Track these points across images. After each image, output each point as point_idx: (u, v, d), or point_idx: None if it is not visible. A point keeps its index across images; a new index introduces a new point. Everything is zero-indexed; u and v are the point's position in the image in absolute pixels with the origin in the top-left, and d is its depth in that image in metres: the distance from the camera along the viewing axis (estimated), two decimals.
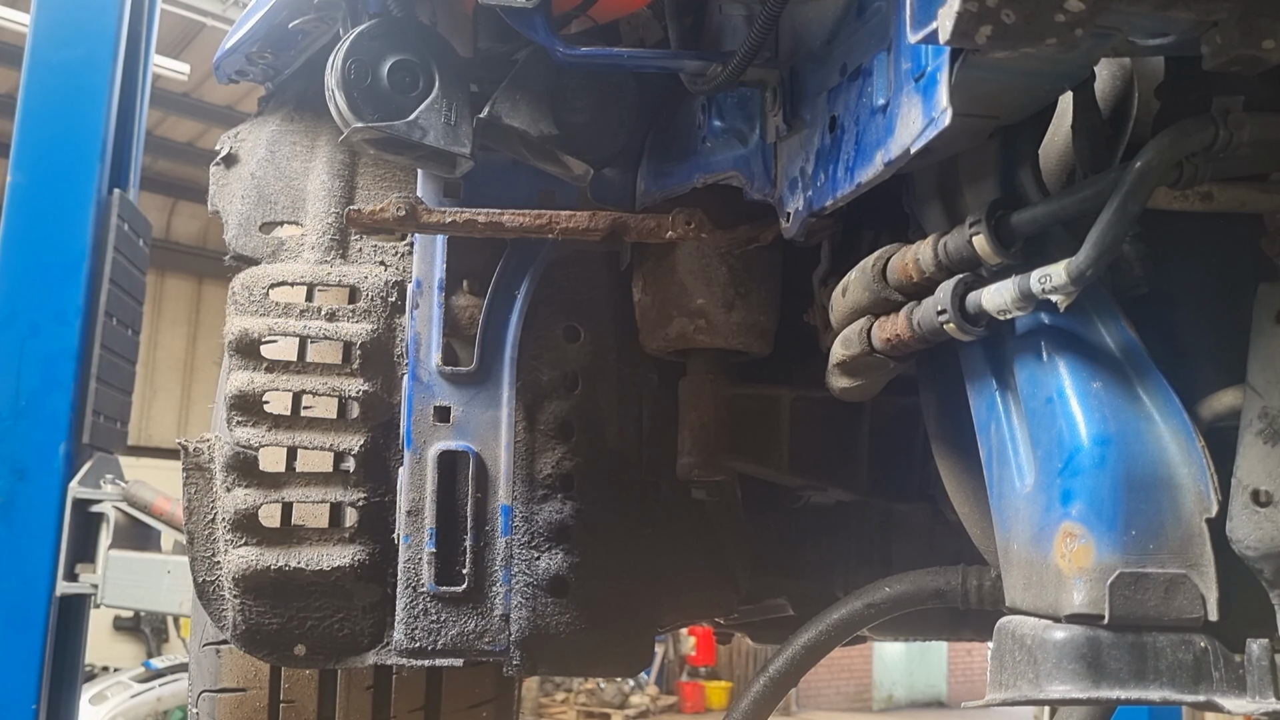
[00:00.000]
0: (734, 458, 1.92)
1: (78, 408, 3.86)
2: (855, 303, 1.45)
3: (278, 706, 2.02)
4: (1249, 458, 1.16)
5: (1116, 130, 1.40)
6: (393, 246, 1.96)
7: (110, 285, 3.97)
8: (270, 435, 1.80)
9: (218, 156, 2.00)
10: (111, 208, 4.01)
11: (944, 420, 1.60)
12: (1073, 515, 1.17)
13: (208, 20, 11.12)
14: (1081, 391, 1.22)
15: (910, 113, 1.17)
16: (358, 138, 1.56)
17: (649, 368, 1.99)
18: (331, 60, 1.54)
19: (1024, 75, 1.08)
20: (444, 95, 1.57)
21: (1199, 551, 1.14)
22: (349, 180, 1.96)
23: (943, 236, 1.31)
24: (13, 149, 3.94)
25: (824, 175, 1.41)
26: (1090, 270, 1.12)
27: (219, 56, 1.95)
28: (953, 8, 0.92)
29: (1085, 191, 1.19)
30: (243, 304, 1.86)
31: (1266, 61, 0.98)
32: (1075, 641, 1.13)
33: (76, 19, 4.03)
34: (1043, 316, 1.28)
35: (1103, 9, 0.95)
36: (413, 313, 1.80)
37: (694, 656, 15.53)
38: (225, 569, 1.77)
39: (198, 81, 12.12)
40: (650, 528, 1.98)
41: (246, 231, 1.95)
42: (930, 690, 17.23)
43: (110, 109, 4.06)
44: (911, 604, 1.83)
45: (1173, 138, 1.12)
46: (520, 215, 1.61)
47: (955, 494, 1.57)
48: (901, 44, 1.21)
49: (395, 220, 1.63)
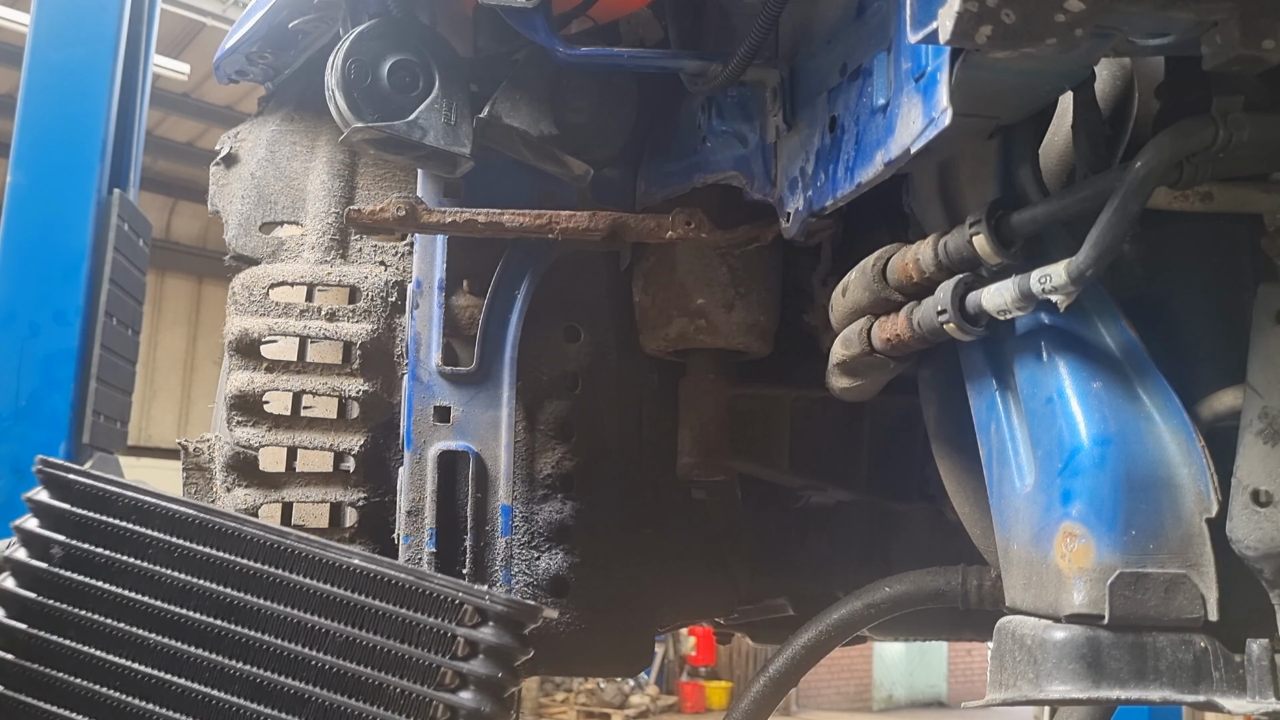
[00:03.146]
0: (734, 458, 1.91)
1: (78, 408, 3.86)
2: (855, 303, 1.45)
3: None
4: (1249, 458, 1.16)
5: (1116, 130, 1.40)
6: (393, 246, 1.96)
7: (110, 285, 3.96)
8: (270, 435, 1.80)
9: (218, 156, 2.00)
10: (111, 208, 4.00)
11: (944, 420, 1.59)
12: (1073, 515, 1.17)
13: (208, 20, 11.12)
14: (1081, 391, 1.22)
15: (910, 113, 1.17)
16: (358, 138, 1.56)
17: (649, 368, 1.99)
18: (331, 60, 1.54)
19: (1024, 75, 1.08)
20: (444, 95, 1.57)
21: (1199, 551, 1.14)
22: (349, 180, 1.96)
23: (943, 236, 1.31)
24: (13, 149, 3.94)
25: (824, 175, 1.41)
26: (1090, 270, 1.12)
27: (219, 56, 1.95)
28: (953, 8, 0.92)
29: (1085, 191, 1.19)
30: (243, 304, 1.86)
31: (1266, 61, 0.98)
32: (1075, 641, 1.13)
33: (76, 19, 4.03)
34: (1043, 316, 1.28)
35: (1103, 9, 0.95)
36: (413, 313, 1.80)
37: (694, 656, 15.53)
38: None
39: (198, 81, 12.12)
40: (650, 528, 1.98)
41: (246, 231, 1.95)
42: (930, 690, 17.24)
43: (110, 109, 4.06)
44: (911, 604, 1.83)
45: (1173, 138, 1.11)
46: (520, 215, 1.61)
47: (955, 494, 1.57)
48: (901, 44, 1.21)
49: (395, 220, 1.63)
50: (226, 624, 1.14)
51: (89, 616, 1.15)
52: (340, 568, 1.16)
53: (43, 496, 1.21)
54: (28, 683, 1.13)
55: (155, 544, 1.17)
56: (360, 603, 1.15)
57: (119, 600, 1.15)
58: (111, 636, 1.14)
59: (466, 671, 1.12)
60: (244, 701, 1.13)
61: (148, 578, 1.16)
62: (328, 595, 1.14)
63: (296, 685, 1.13)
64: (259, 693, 1.13)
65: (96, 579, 1.16)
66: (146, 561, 1.16)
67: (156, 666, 1.13)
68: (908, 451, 1.98)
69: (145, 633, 1.13)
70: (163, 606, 1.15)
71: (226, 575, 1.17)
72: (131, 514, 1.19)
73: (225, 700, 1.13)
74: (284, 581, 1.16)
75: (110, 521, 1.19)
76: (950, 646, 15.85)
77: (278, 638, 1.14)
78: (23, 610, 1.14)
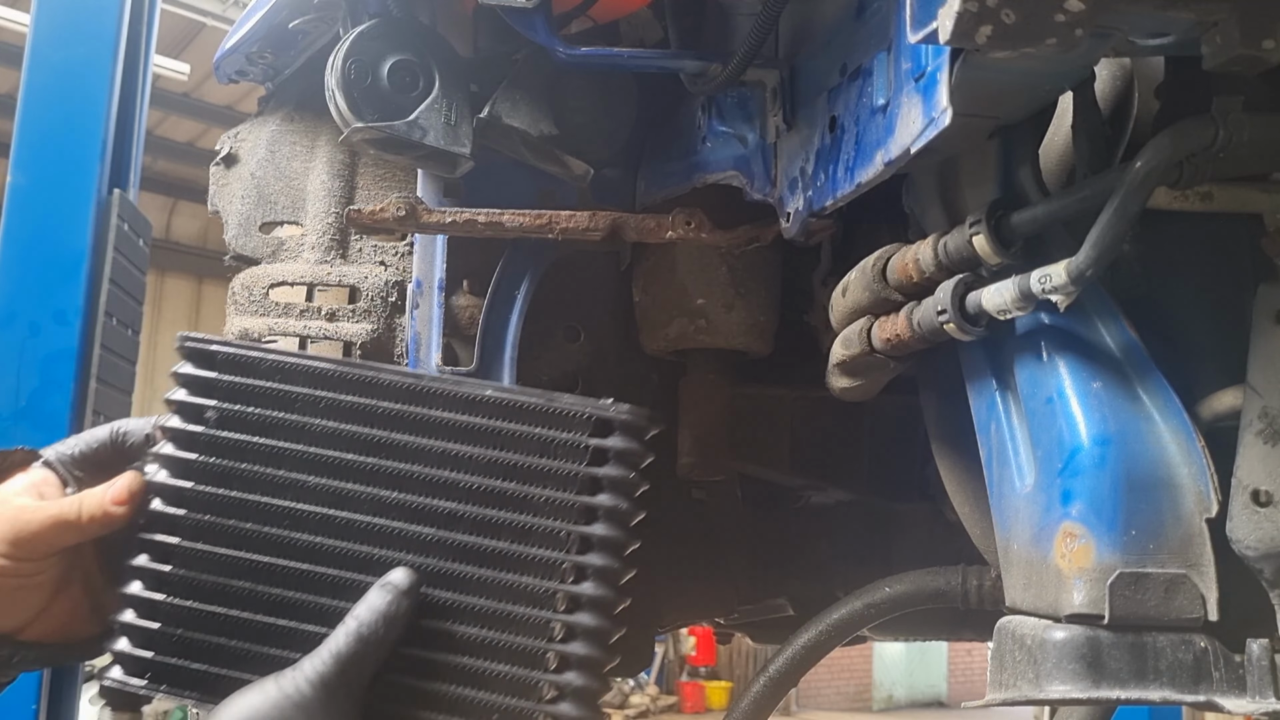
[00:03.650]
0: (734, 458, 1.91)
1: (78, 408, 3.86)
2: (855, 303, 1.45)
3: None
4: (1249, 458, 1.16)
5: (1116, 130, 1.40)
6: (393, 246, 1.96)
7: (110, 285, 3.96)
8: None
9: (218, 156, 2.00)
10: (111, 208, 4.00)
11: (944, 420, 1.59)
12: (1073, 515, 1.17)
13: (208, 20, 11.13)
14: (1081, 391, 1.22)
15: (910, 113, 1.17)
16: (358, 138, 1.56)
17: (649, 368, 1.99)
18: (331, 60, 1.54)
19: (1024, 75, 1.08)
20: (444, 95, 1.57)
21: (1199, 551, 1.14)
22: (349, 180, 1.96)
23: (943, 236, 1.31)
24: (13, 149, 3.94)
25: (824, 175, 1.41)
26: (1090, 270, 1.12)
27: (219, 56, 1.95)
28: (953, 8, 0.92)
29: (1085, 191, 1.18)
30: (243, 304, 1.86)
31: (1266, 61, 0.98)
32: (1075, 641, 1.13)
33: (76, 19, 4.03)
34: (1043, 316, 1.28)
35: (1103, 9, 0.95)
36: (413, 313, 1.80)
37: (694, 656, 15.54)
38: None
39: (198, 81, 12.12)
40: (650, 528, 1.97)
41: (246, 231, 1.95)
42: (930, 690, 17.25)
43: (110, 109, 4.06)
44: (911, 604, 1.83)
45: (1173, 138, 1.11)
46: (520, 215, 1.61)
47: (955, 494, 1.57)
48: (901, 44, 1.21)
49: (395, 220, 1.63)
50: (379, 460, 1.23)
51: (249, 468, 1.24)
52: (475, 399, 1.24)
53: (188, 369, 1.29)
54: (202, 533, 1.23)
55: (301, 398, 1.25)
56: (498, 427, 1.24)
57: (275, 451, 1.24)
58: (273, 483, 1.23)
59: (601, 475, 1.21)
60: (403, 524, 1.22)
61: (298, 428, 1.24)
62: (466, 424, 1.24)
63: (450, 505, 1.23)
64: (416, 515, 1.23)
65: (250, 435, 1.24)
66: (295, 414, 1.25)
67: (318, 505, 1.23)
68: (908, 451, 1.99)
69: (304, 476, 1.23)
70: (318, 451, 1.24)
71: (371, 418, 1.25)
72: (275, 374, 1.26)
73: (386, 525, 1.22)
74: (425, 417, 1.24)
75: (256, 383, 1.26)
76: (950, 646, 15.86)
77: (426, 467, 1.24)
78: (187, 470, 1.23)
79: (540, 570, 1.20)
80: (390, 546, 1.22)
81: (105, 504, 1.23)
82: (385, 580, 1.18)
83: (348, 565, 1.21)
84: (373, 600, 1.16)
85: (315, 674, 1.10)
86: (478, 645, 1.19)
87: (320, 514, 1.22)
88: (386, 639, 1.15)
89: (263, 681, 1.11)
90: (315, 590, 1.21)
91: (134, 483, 1.25)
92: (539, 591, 1.20)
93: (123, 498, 1.24)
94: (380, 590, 1.17)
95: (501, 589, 1.20)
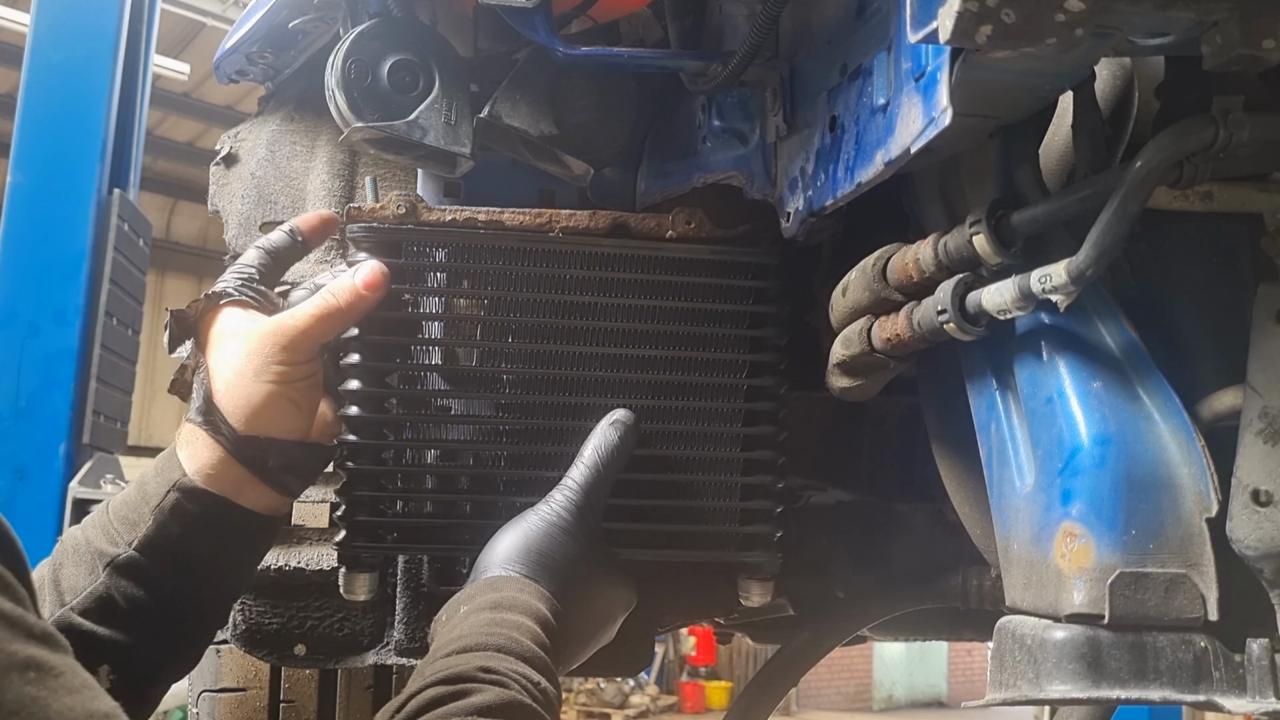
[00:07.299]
0: None
1: (78, 408, 3.86)
2: (855, 303, 1.45)
3: (278, 706, 2.02)
4: (1249, 458, 1.16)
5: (1116, 130, 1.40)
6: None
7: (110, 285, 3.96)
8: None
9: (218, 156, 2.00)
10: (111, 208, 4.00)
11: (944, 420, 1.60)
12: (1073, 515, 1.17)
13: (208, 20, 11.13)
14: (1081, 391, 1.22)
15: (910, 112, 1.17)
16: (358, 137, 1.56)
17: None
18: (331, 60, 1.54)
19: (1024, 75, 1.08)
20: (444, 95, 1.57)
21: (1199, 551, 1.14)
22: (349, 180, 1.96)
23: (943, 236, 1.31)
24: (13, 149, 3.94)
25: (824, 175, 1.41)
26: (1090, 270, 1.12)
27: (219, 56, 1.95)
28: (953, 7, 0.92)
29: (1085, 191, 1.18)
30: None
31: (1266, 61, 0.98)
32: (1075, 641, 1.13)
33: (76, 19, 4.03)
34: (1043, 316, 1.28)
35: (1103, 9, 0.95)
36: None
37: (694, 656, 15.55)
38: None
39: (198, 81, 12.13)
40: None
41: (246, 231, 1.95)
42: (930, 690, 17.26)
43: (110, 109, 4.06)
44: (911, 604, 1.83)
45: (1173, 138, 1.11)
46: (520, 214, 1.61)
47: (955, 494, 1.57)
48: (901, 44, 1.20)
49: (395, 218, 1.63)
50: (577, 321, 1.51)
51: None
52: (653, 257, 1.56)
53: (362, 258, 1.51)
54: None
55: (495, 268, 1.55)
56: (675, 281, 1.55)
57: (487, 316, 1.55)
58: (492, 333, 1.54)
59: (765, 313, 1.59)
60: (603, 372, 1.48)
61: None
62: (648, 281, 1.54)
63: (641, 352, 1.50)
64: (613, 362, 1.49)
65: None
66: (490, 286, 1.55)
67: (536, 367, 1.50)
68: (908, 451, 1.98)
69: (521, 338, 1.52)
70: (522, 318, 1.52)
71: (563, 284, 1.54)
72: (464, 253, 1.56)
73: (587, 375, 1.48)
74: (610, 280, 1.53)
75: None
76: (950, 646, 15.87)
77: (618, 321, 1.51)
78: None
79: (724, 395, 1.52)
80: (599, 394, 1.46)
81: (357, 289, 1.42)
82: (612, 418, 1.41)
83: (564, 415, 1.47)
84: (604, 435, 1.38)
85: (569, 501, 1.31)
86: (677, 485, 1.50)
87: (537, 374, 1.48)
88: (616, 466, 1.37)
89: (523, 515, 1.31)
90: (536, 441, 1.46)
91: (378, 267, 1.45)
92: (726, 412, 1.52)
93: (375, 280, 1.43)
94: (611, 426, 1.39)
95: (695, 414, 1.50)
